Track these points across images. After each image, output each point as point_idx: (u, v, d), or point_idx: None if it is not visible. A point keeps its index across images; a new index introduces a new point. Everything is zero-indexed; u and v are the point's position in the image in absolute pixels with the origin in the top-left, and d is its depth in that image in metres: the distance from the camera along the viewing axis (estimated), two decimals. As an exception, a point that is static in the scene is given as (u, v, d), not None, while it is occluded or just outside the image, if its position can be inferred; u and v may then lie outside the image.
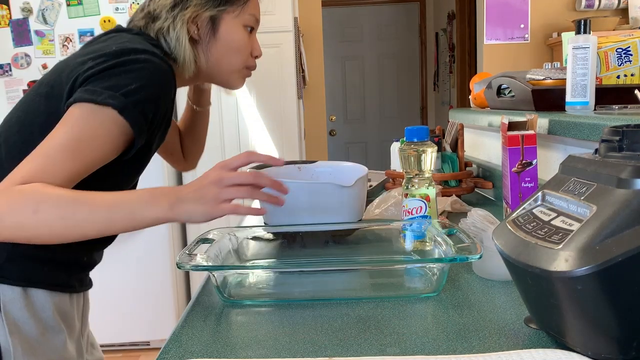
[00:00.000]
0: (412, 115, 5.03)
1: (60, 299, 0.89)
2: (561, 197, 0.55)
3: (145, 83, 0.79)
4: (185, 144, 1.22)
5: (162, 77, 0.83)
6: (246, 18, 0.95)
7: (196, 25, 0.92)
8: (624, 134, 0.52)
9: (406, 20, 4.93)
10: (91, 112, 0.76)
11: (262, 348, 0.61)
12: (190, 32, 0.92)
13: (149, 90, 0.80)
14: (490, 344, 0.59)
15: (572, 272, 0.46)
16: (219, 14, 0.93)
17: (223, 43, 0.94)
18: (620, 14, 3.32)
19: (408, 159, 0.93)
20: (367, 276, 0.80)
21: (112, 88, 0.77)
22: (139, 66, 0.79)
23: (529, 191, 0.97)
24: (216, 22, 0.93)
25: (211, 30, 0.93)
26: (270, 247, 0.94)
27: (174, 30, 0.90)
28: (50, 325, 0.87)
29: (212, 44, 0.94)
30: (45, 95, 0.84)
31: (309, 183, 1.06)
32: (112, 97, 0.76)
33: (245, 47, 0.97)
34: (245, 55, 0.97)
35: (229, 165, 0.76)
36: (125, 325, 2.62)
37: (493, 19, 3.33)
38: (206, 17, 0.92)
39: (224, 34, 0.94)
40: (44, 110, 0.83)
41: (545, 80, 1.28)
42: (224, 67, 0.97)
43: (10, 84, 2.55)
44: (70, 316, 0.92)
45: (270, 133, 2.92)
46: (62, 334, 0.89)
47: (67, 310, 0.91)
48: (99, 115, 0.76)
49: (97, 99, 0.76)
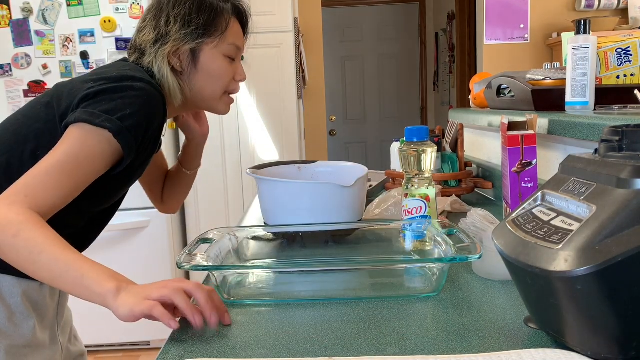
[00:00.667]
0: (412, 115, 5.03)
1: (29, 286, 0.93)
2: (561, 197, 0.55)
3: (139, 110, 0.86)
4: (166, 190, 1.28)
5: (155, 105, 0.90)
6: (225, 48, 1.00)
7: (178, 57, 0.98)
8: (623, 134, 0.52)
9: (406, 20, 4.93)
10: (88, 133, 0.84)
11: (262, 348, 0.61)
12: (172, 64, 0.98)
13: (142, 117, 0.87)
14: (490, 343, 0.59)
15: (571, 272, 0.46)
16: (198, 46, 0.98)
17: (204, 73, 1.00)
18: (620, 14, 3.32)
19: (408, 159, 0.93)
20: (367, 276, 0.80)
21: (109, 112, 0.84)
22: (135, 94, 0.87)
23: (528, 191, 0.97)
24: (196, 53, 0.99)
25: (192, 61, 0.99)
26: (270, 247, 0.94)
27: (156, 64, 0.97)
28: (19, 310, 0.91)
29: (193, 74, 1.00)
30: (45, 104, 0.92)
31: (309, 183, 1.06)
32: (108, 120, 0.83)
33: (226, 75, 1.02)
34: (225, 81, 1.03)
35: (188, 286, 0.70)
36: (125, 325, 2.61)
37: (493, 19, 3.33)
38: (186, 49, 0.98)
39: (205, 64, 1.00)
40: (43, 118, 0.90)
41: (545, 81, 1.28)
42: (207, 94, 1.02)
43: (10, 84, 2.55)
44: (42, 304, 0.96)
45: (270, 133, 2.92)
46: (31, 320, 0.93)
47: (36, 297, 0.95)
48: (96, 136, 0.84)
49: (94, 121, 0.83)
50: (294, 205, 1.02)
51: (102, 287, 0.71)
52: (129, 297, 0.69)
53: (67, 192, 0.82)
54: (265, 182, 1.07)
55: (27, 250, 0.75)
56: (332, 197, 1.01)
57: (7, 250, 0.76)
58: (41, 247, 0.75)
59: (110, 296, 0.70)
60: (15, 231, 0.75)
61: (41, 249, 0.75)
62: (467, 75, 4.06)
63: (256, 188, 1.14)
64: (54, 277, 0.75)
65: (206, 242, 0.84)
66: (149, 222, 2.63)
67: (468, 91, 3.34)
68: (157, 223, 2.64)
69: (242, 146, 2.93)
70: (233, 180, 2.93)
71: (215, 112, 1.06)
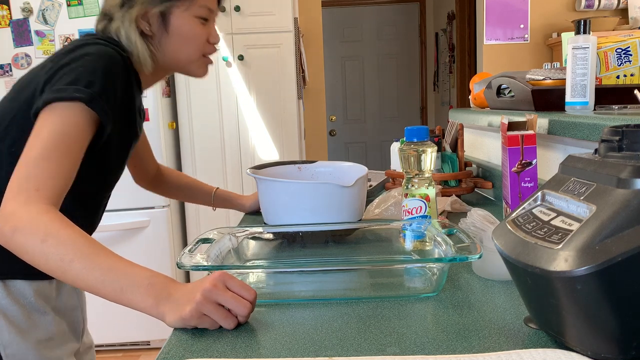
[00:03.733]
0: (412, 115, 5.03)
1: (39, 285, 0.94)
2: (561, 197, 0.55)
3: (102, 73, 0.85)
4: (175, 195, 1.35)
5: (114, 64, 0.88)
6: (197, 10, 0.97)
7: (147, 21, 0.96)
8: (623, 134, 0.52)
9: (406, 20, 4.92)
10: (63, 109, 0.82)
11: (262, 348, 0.61)
12: (142, 28, 0.96)
13: (106, 79, 0.85)
14: (490, 343, 0.59)
15: (571, 272, 0.46)
16: (167, 9, 0.95)
17: (176, 36, 0.97)
18: (620, 14, 3.32)
19: (408, 159, 0.93)
20: (367, 276, 0.80)
21: (75, 82, 0.83)
22: (91, 58, 0.86)
23: (528, 191, 0.97)
24: (166, 16, 0.96)
25: (162, 25, 0.96)
26: (270, 247, 0.94)
27: (123, 29, 0.95)
28: (35, 309, 0.93)
29: (165, 38, 0.97)
30: (10, 99, 0.92)
31: (309, 183, 1.06)
32: (77, 90, 0.82)
33: (199, 37, 0.99)
34: (200, 44, 1.00)
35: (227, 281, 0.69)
36: (125, 325, 2.62)
37: (493, 19, 3.33)
38: (155, 13, 0.95)
39: (176, 28, 0.97)
40: (10, 112, 0.90)
41: (545, 81, 1.28)
42: (182, 58, 1.00)
43: (10, 84, 2.55)
44: (54, 298, 0.99)
45: (270, 133, 2.92)
46: (49, 315, 0.96)
47: (49, 293, 0.97)
48: (71, 109, 0.82)
49: (64, 96, 0.82)
50: (294, 205, 1.02)
51: (144, 302, 0.69)
52: (170, 312, 0.67)
53: (69, 173, 0.81)
54: (265, 182, 1.07)
55: (58, 257, 0.72)
56: (332, 197, 1.01)
57: (37, 257, 0.73)
58: (72, 255, 0.71)
59: (153, 311, 0.69)
60: (43, 236, 0.72)
61: (72, 257, 0.71)
62: (467, 75, 4.06)
63: (256, 188, 1.14)
64: (90, 287, 0.72)
65: (206, 242, 0.84)
66: (149, 222, 2.63)
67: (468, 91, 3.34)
68: (157, 223, 2.64)
69: (242, 146, 2.93)
70: (233, 180, 2.93)
71: (193, 76, 1.04)
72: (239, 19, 2.83)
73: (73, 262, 0.71)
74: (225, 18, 2.82)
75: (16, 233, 0.73)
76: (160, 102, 2.67)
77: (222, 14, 2.81)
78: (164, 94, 2.76)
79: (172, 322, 0.66)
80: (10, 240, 0.74)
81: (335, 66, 4.91)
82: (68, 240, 0.72)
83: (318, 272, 0.79)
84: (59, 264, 0.72)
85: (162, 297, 0.68)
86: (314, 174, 1.22)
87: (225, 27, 2.83)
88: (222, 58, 2.84)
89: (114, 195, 1.10)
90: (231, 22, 2.83)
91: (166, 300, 0.68)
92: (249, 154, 2.93)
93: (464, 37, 4.16)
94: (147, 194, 2.64)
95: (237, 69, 2.87)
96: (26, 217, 0.73)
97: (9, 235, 0.74)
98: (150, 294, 0.68)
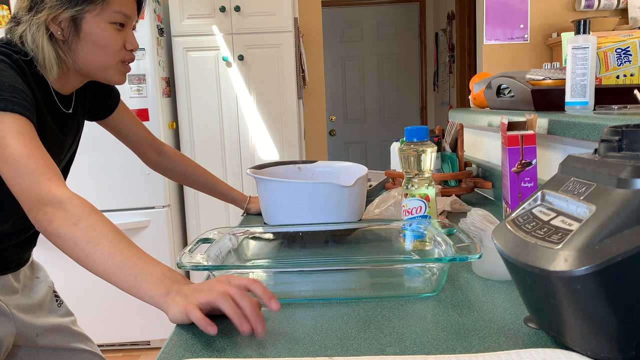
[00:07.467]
0: (412, 115, 5.03)
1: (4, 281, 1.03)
2: (561, 197, 0.55)
3: None
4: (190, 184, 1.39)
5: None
6: (111, 15, 0.95)
7: (59, 25, 0.93)
8: (623, 134, 0.52)
9: (406, 20, 4.92)
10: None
11: (262, 348, 0.61)
12: (54, 32, 0.94)
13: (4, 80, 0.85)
14: (490, 343, 0.59)
15: (571, 272, 0.46)
16: (79, 14, 0.93)
17: (88, 42, 0.95)
18: (620, 14, 3.32)
19: (408, 159, 0.93)
20: (367, 276, 0.80)
21: None
22: None
23: (528, 191, 0.97)
24: (78, 22, 0.94)
25: (74, 30, 0.94)
26: (270, 247, 0.94)
27: (30, 33, 0.92)
28: None
29: (77, 44, 0.95)
30: None
31: (308, 183, 1.06)
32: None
33: (113, 44, 0.97)
34: (115, 50, 0.97)
35: (235, 280, 0.70)
36: (125, 325, 2.62)
37: (493, 19, 3.33)
38: (66, 17, 0.93)
39: (88, 33, 0.95)
40: None
41: (545, 81, 1.28)
42: (95, 64, 0.98)
43: None
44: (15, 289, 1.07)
45: (270, 133, 2.92)
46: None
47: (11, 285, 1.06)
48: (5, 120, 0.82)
49: None
50: (294, 205, 1.02)
51: (154, 290, 0.70)
52: (175, 304, 0.68)
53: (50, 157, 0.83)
54: (265, 182, 1.07)
55: (86, 240, 0.74)
56: (332, 197, 1.01)
57: (67, 241, 0.76)
58: (99, 239, 0.74)
59: (160, 300, 0.69)
60: (76, 219, 0.75)
61: (99, 240, 0.74)
62: (467, 75, 4.06)
63: (256, 188, 1.14)
64: (107, 271, 0.74)
65: (206, 242, 0.84)
66: (149, 222, 2.63)
67: (468, 91, 3.34)
68: (157, 223, 2.64)
69: (242, 146, 2.93)
70: (233, 180, 2.93)
71: (110, 82, 1.02)
72: (239, 19, 2.83)
73: (99, 246, 0.74)
74: (225, 18, 2.82)
75: (53, 220, 0.77)
76: (161, 102, 2.68)
77: (222, 14, 2.81)
78: (164, 94, 2.76)
79: (174, 314, 0.67)
80: (49, 226, 0.77)
81: (335, 66, 4.91)
82: (97, 224, 0.76)
83: (318, 272, 0.79)
84: (85, 246, 0.74)
85: (173, 289, 0.70)
86: (313, 174, 1.22)
87: (225, 27, 2.83)
88: (222, 58, 2.84)
89: (114, 195, 1.10)
90: (231, 22, 2.83)
91: (175, 293, 0.69)
92: (249, 154, 2.93)
93: (464, 37, 4.16)
94: (147, 194, 2.65)
95: (237, 69, 2.87)
96: (56, 203, 0.77)
97: (46, 224, 0.77)
98: (163, 284, 0.70)
